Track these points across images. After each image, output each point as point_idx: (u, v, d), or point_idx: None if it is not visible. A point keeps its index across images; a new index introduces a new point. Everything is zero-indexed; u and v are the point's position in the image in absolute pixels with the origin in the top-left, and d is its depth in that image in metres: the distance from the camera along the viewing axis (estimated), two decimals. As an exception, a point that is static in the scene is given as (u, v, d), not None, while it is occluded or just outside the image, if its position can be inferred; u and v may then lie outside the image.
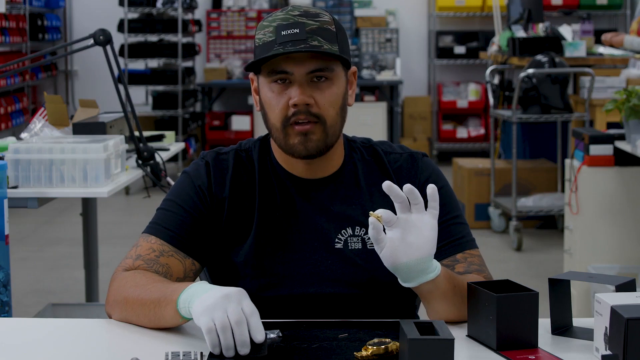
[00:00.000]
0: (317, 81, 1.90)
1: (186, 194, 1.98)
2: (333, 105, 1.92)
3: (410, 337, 1.52)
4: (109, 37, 3.64)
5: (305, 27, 1.88)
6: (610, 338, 1.57)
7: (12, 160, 3.38)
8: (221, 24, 9.89)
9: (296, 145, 1.91)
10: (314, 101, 1.89)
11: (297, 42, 1.86)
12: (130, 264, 1.91)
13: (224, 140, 9.51)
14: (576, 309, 4.40)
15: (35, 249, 6.38)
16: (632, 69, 6.23)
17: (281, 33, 1.88)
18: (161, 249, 1.92)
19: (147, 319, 1.81)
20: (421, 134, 9.94)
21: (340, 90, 1.93)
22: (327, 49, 1.88)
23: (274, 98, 1.91)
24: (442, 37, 10.08)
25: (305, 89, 1.89)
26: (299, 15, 1.89)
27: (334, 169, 2.00)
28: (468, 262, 1.94)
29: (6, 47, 8.80)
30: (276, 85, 1.91)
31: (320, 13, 1.92)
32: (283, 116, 1.90)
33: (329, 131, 1.92)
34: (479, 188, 6.85)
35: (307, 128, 1.90)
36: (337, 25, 1.93)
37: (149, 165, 3.71)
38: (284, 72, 1.89)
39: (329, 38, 1.89)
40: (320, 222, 1.96)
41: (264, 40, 1.90)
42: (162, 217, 1.97)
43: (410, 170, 2.02)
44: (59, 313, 4.14)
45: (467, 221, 2.02)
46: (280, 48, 1.86)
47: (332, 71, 1.91)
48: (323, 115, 1.90)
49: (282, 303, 1.93)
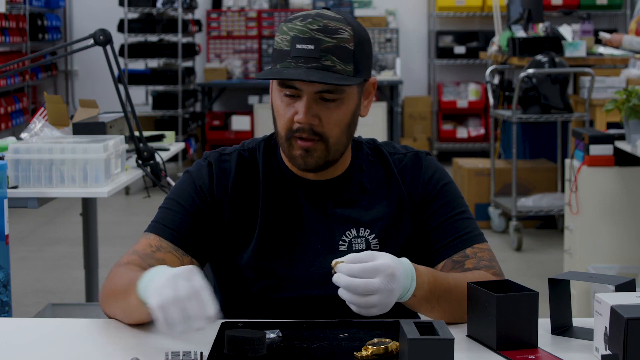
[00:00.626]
0: (325, 101, 1.88)
1: (187, 193, 1.97)
2: (339, 125, 1.90)
3: (410, 337, 1.52)
4: (109, 37, 3.64)
5: (320, 45, 1.85)
6: (610, 338, 1.57)
7: (12, 160, 3.38)
8: (221, 24, 9.89)
9: (297, 158, 1.91)
10: (318, 121, 1.88)
11: (310, 59, 1.84)
12: (126, 259, 1.92)
13: (224, 140, 9.51)
14: (576, 309, 4.40)
15: (35, 249, 6.37)
16: (632, 69, 6.23)
17: (296, 46, 1.85)
18: (159, 245, 1.92)
19: (121, 310, 1.81)
20: (421, 134, 9.94)
21: (350, 108, 1.92)
22: (340, 69, 1.85)
23: (282, 108, 1.91)
24: (442, 37, 10.08)
25: (311, 107, 1.87)
26: (316, 30, 1.86)
27: (341, 171, 2.00)
28: (478, 258, 1.95)
29: (6, 47, 8.79)
30: (285, 97, 1.90)
31: (340, 29, 1.87)
32: (287, 127, 1.90)
33: (332, 148, 1.91)
34: (479, 188, 6.85)
35: (308, 145, 1.89)
36: (357, 40, 1.88)
37: (149, 165, 3.70)
38: (293, 88, 1.88)
39: (344, 57, 1.86)
40: (324, 224, 1.96)
41: (281, 47, 1.88)
42: (162, 215, 1.97)
43: (414, 170, 2.02)
44: (59, 313, 4.14)
45: (473, 216, 2.03)
46: (292, 62, 1.85)
47: (342, 92, 1.89)
48: (326, 134, 1.89)
49: (287, 305, 1.93)
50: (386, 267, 1.71)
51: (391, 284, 1.71)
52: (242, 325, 1.79)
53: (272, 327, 1.77)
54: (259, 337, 1.64)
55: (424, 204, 2.00)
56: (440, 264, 1.96)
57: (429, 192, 2.00)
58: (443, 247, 1.97)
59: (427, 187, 2.01)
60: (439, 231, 1.98)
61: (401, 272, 1.73)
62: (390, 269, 1.71)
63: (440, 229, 1.98)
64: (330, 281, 1.91)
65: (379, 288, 1.70)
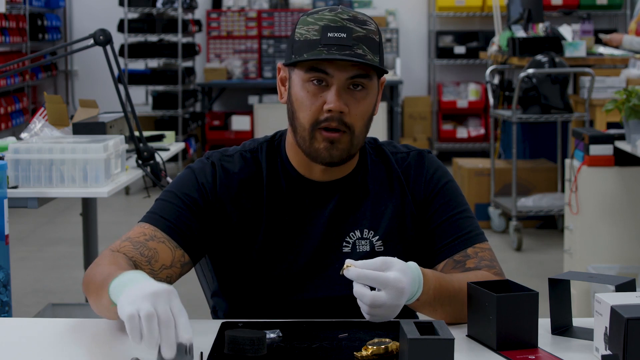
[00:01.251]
0: (353, 89, 1.88)
1: (187, 187, 1.95)
2: (363, 117, 1.90)
3: (410, 337, 1.52)
4: (109, 37, 3.64)
5: (352, 34, 1.85)
6: (610, 338, 1.57)
7: (12, 160, 3.38)
8: (221, 24, 9.89)
9: (321, 151, 1.89)
10: (347, 110, 1.87)
11: (343, 47, 1.84)
12: (118, 245, 1.89)
13: (224, 140, 9.51)
14: (576, 309, 4.40)
15: (35, 249, 6.37)
16: (632, 69, 6.23)
17: (327, 34, 1.85)
18: (152, 234, 1.90)
19: (94, 301, 1.77)
20: (421, 134, 9.94)
21: (372, 100, 1.92)
22: (370, 59, 1.86)
23: (308, 98, 1.88)
24: (442, 37, 10.08)
25: (342, 96, 1.86)
26: (347, 20, 1.86)
27: (348, 171, 1.99)
28: (479, 257, 1.95)
29: (6, 47, 8.79)
30: (312, 85, 1.88)
31: (368, 21, 1.89)
32: (314, 119, 1.88)
33: (355, 141, 1.91)
34: (479, 188, 6.85)
35: (335, 136, 1.88)
36: (380, 35, 1.91)
37: (149, 165, 3.70)
38: (324, 73, 1.86)
39: (373, 48, 1.87)
40: (328, 226, 1.96)
41: (307, 37, 1.86)
42: (159, 207, 1.94)
43: (417, 168, 2.02)
44: (59, 313, 4.14)
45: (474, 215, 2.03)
46: (324, 50, 1.84)
47: (370, 80, 1.89)
48: (353, 126, 1.89)
49: (289, 306, 1.93)
50: (397, 281, 1.70)
51: (398, 299, 1.71)
52: (242, 325, 1.79)
53: (272, 327, 1.77)
54: (259, 337, 1.64)
55: (426, 202, 1.99)
56: (441, 263, 1.96)
57: (430, 190, 2.00)
58: (444, 246, 1.96)
59: (429, 185, 2.01)
60: (440, 230, 1.97)
61: (409, 284, 1.72)
62: (401, 284, 1.70)
63: (441, 228, 1.97)
64: (334, 283, 1.92)
65: (384, 303, 1.70)
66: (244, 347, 1.63)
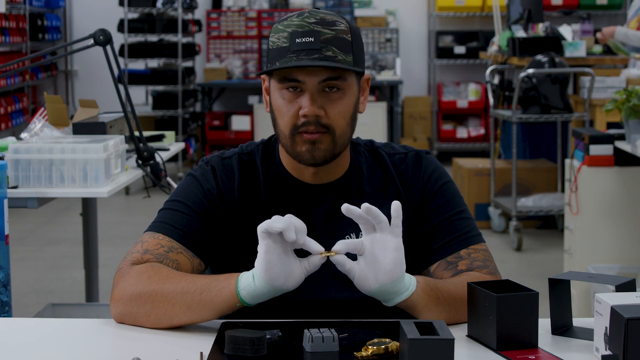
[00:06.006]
0: (328, 91, 1.88)
1: (194, 195, 1.95)
2: (343, 116, 1.90)
3: (410, 337, 1.52)
4: (109, 37, 3.64)
5: (320, 36, 1.85)
6: (610, 338, 1.57)
7: (12, 160, 3.38)
8: (221, 24, 9.89)
9: (303, 153, 1.90)
10: (324, 112, 1.87)
11: (311, 51, 1.84)
12: (139, 257, 1.88)
13: (224, 140, 9.52)
14: (576, 309, 4.40)
15: (35, 249, 6.37)
16: (632, 69, 6.23)
17: (295, 40, 1.85)
18: (170, 245, 1.90)
19: (161, 311, 1.77)
20: (421, 134, 9.94)
21: (351, 100, 1.91)
22: (341, 59, 1.85)
23: (284, 105, 1.89)
24: (442, 37, 10.08)
25: (316, 100, 1.87)
26: (314, 23, 1.87)
27: (340, 174, 1.99)
28: (472, 259, 1.94)
29: (6, 47, 8.79)
30: (287, 92, 1.89)
31: (337, 21, 1.89)
32: (292, 124, 1.89)
33: (338, 141, 1.91)
34: (479, 188, 6.85)
35: (315, 137, 1.88)
36: (353, 33, 1.90)
37: (149, 165, 3.70)
38: (296, 81, 1.87)
39: (343, 48, 1.87)
40: (325, 228, 1.96)
41: (278, 45, 1.87)
42: (169, 216, 1.94)
43: (415, 169, 2.02)
44: (59, 313, 4.14)
45: (472, 216, 2.02)
46: (293, 56, 1.84)
47: (345, 81, 1.89)
48: (333, 126, 1.89)
49: (287, 307, 1.93)
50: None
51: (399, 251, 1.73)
52: (242, 325, 1.79)
53: (272, 327, 1.77)
54: (259, 337, 1.64)
55: (423, 204, 1.99)
56: (434, 264, 1.96)
57: (427, 191, 2.00)
58: (439, 247, 1.96)
59: (426, 186, 2.00)
60: (436, 231, 1.97)
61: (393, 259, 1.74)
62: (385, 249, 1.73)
63: (438, 229, 1.97)
64: (331, 285, 1.92)
65: (393, 241, 1.72)
66: (244, 347, 1.63)
